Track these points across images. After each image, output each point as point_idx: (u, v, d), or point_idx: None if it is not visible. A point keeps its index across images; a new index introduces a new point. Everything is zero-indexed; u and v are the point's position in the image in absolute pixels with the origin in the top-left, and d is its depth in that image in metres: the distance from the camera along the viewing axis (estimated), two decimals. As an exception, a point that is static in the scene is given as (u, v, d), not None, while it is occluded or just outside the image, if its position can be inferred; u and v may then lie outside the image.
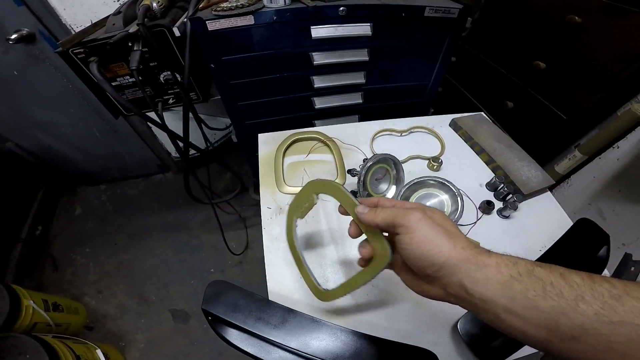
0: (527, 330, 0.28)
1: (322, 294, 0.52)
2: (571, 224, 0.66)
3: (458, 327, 0.53)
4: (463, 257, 0.33)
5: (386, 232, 0.39)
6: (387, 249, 0.39)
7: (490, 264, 0.31)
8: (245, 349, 0.45)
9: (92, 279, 1.62)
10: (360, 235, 0.43)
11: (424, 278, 0.36)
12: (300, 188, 0.51)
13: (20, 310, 1.10)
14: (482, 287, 0.31)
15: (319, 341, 0.45)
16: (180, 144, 1.10)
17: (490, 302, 0.30)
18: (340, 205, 0.44)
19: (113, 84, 0.95)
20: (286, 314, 0.47)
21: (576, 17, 1.01)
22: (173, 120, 1.31)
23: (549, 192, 0.78)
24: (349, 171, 0.76)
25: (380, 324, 0.56)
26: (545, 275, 0.29)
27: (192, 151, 1.24)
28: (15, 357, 0.96)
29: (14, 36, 1.14)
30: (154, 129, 1.75)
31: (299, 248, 0.55)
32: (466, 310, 0.54)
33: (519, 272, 0.30)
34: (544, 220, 0.73)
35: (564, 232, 0.63)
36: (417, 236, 0.34)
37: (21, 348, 0.98)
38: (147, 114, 1.00)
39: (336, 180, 0.76)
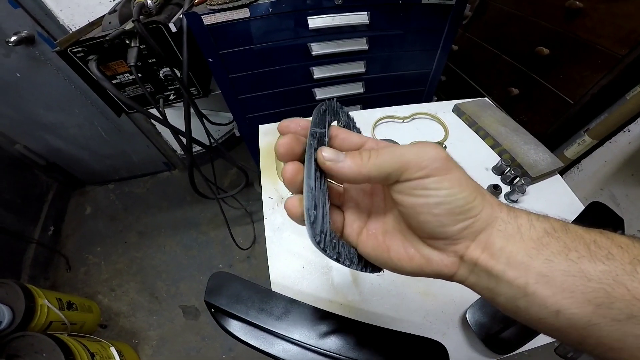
0: (566, 308, 0.20)
1: None
2: (582, 208, 0.64)
3: (467, 317, 0.51)
4: (496, 207, 0.24)
5: (380, 183, 0.27)
6: None
7: (521, 215, 0.24)
8: (249, 342, 0.45)
9: (104, 278, 1.65)
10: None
11: (436, 242, 0.25)
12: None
13: (35, 309, 1.12)
14: (512, 245, 0.23)
15: (322, 332, 0.44)
16: (184, 140, 1.10)
17: (520, 266, 0.22)
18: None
19: (113, 81, 0.95)
20: (289, 305, 0.47)
21: (577, 2, 1.00)
22: (176, 117, 1.32)
23: (558, 175, 0.76)
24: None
25: (386, 315, 0.55)
26: (584, 232, 0.22)
27: (197, 147, 1.24)
28: (31, 355, 0.98)
29: (13, 38, 1.14)
30: (158, 126, 1.76)
31: None
32: (475, 299, 0.53)
33: (554, 227, 0.22)
34: (554, 204, 0.71)
35: (575, 217, 0.61)
36: (450, 179, 0.24)
37: (37, 346, 0.99)
38: (149, 110, 1.00)
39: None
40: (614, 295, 0.19)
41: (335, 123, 0.31)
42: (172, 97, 1.06)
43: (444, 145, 0.79)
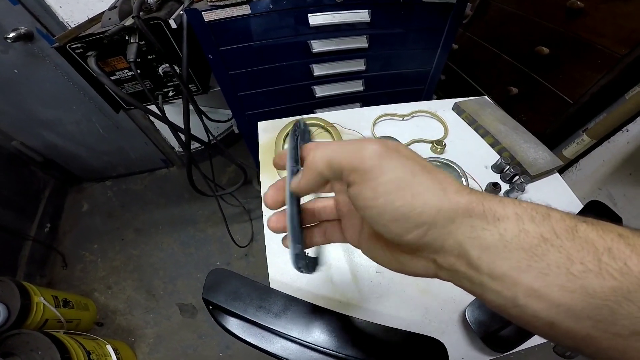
0: (560, 322, 0.18)
1: None
2: (581, 206, 0.65)
3: (466, 315, 0.51)
4: (462, 206, 0.20)
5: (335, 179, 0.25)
6: None
7: (506, 216, 0.20)
8: (247, 339, 0.45)
9: (101, 275, 1.64)
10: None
11: (402, 248, 0.24)
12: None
13: (31, 307, 1.11)
14: (494, 255, 0.19)
15: (321, 329, 0.44)
16: (182, 137, 1.09)
17: (506, 279, 0.19)
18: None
19: (112, 78, 0.95)
20: (288, 302, 0.46)
21: (578, 2, 1.00)
22: (175, 114, 1.31)
23: (557, 173, 0.76)
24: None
25: (385, 312, 0.55)
26: (598, 237, 0.17)
27: (195, 144, 1.23)
28: (27, 353, 0.97)
29: (11, 35, 1.13)
30: (157, 123, 1.75)
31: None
32: (474, 297, 0.53)
33: (555, 231, 0.18)
34: (552, 202, 0.70)
35: (573, 215, 0.61)
36: (384, 183, 0.21)
37: (33, 344, 0.99)
38: (148, 107, 1.00)
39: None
40: (620, 313, 0.16)
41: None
42: (171, 93, 1.05)
43: (443, 143, 0.79)
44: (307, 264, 0.30)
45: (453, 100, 0.94)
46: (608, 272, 0.16)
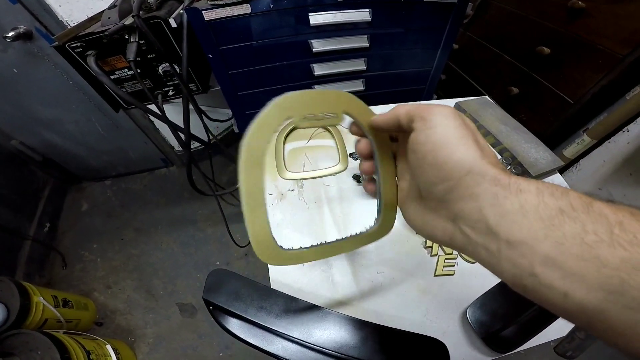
0: (574, 292, 0.19)
1: (277, 253, 0.36)
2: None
3: (467, 315, 0.51)
4: (490, 173, 0.23)
5: (403, 130, 0.30)
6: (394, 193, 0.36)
7: (527, 190, 0.21)
8: (248, 340, 0.45)
9: (100, 275, 1.64)
10: (369, 154, 0.37)
11: (430, 202, 0.28)
12: (301, 173, 0.48)
13: (30, 306, 1.11)
14: (513, 223, 0.21)
15: (322, 330, 0.44)
16: (182, 136, 1.09)
17: (523, 246, 0.20)
18: (352, 124, 0.37)
19: (112, 77, 0.94)
20: (289, 303, 0.46)
21: (580, 2, 1.00)
22: (175, 113, 1.31)
23: (558, 174, 0.76)
24: (351, 154, 0.77)
25: (386, 312, 0.54)
26: (611, 212, 0.19)
27: (195, 144, 1.23)
28: (26, 353, 0.97)
29: (11, 34, 1.13)
30: (156, 122, 1.75)
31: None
32: (475, 297, 0.53)
33: (572, 205, 0.20)
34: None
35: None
36: (435, 133, 0.25)
37: (32, 344, 0.99)
38: (147, 106, 1.00)
39: (337, 166, 0.75)
40: (630, 284, 0.17)
41: None
42: (170, 93, 1.05)
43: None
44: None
45: (454, 100, 0.94)
46: (619, 243, 0.18)
